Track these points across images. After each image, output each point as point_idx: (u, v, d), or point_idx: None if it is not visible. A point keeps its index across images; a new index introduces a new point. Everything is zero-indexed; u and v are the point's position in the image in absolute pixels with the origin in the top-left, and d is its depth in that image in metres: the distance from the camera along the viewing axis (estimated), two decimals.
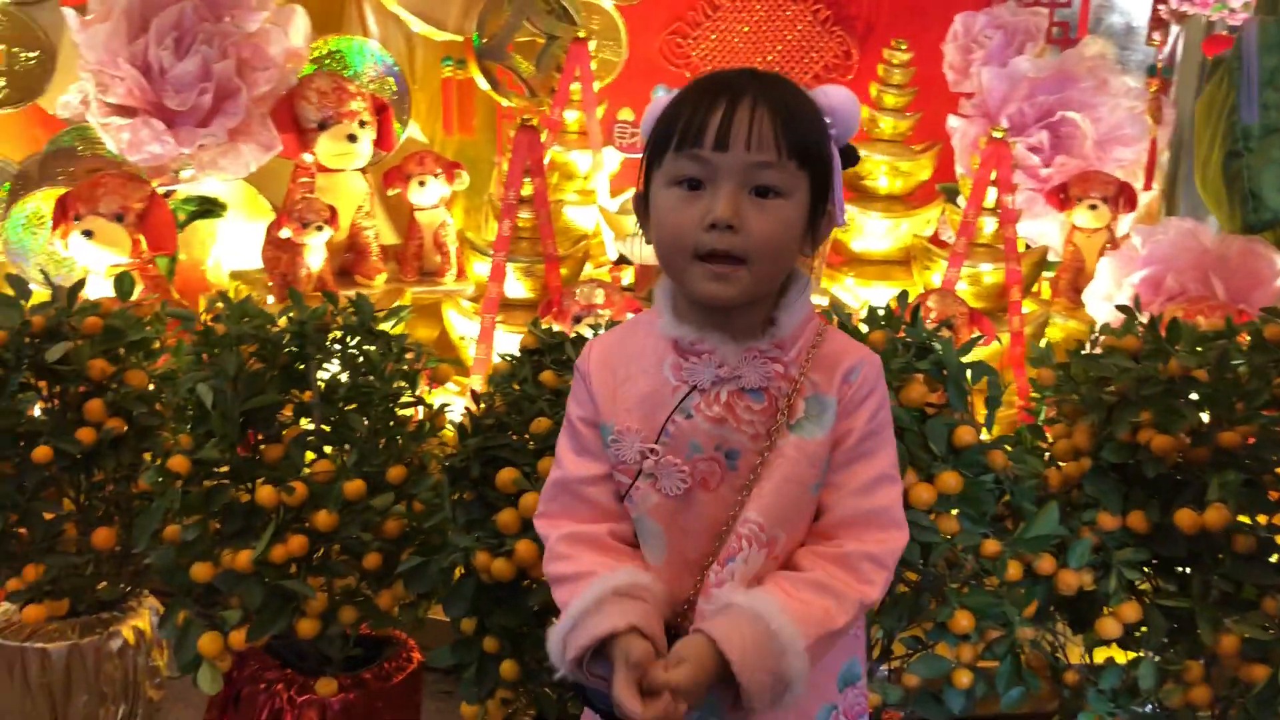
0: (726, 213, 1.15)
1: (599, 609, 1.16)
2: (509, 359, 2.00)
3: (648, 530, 1.26)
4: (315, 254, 3.14)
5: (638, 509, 1.26)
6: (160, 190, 3.24)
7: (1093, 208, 3.41)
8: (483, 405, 1.92)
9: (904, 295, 1.92)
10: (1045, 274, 3.73)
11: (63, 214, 3.03)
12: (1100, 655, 1.97)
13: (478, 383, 2.87)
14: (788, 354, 1.23)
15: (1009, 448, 1.97)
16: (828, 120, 1.23)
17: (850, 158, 1.28)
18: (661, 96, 1.26)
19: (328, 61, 3.66)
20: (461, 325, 3.27)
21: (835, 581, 1.19)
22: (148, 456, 2.19)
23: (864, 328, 1.91)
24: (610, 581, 1.19)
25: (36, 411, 2.16)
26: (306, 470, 2.00)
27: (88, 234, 3.01)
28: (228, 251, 3.81)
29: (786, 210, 1.18)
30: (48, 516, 2.20)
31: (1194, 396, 1.80)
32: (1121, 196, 3.43)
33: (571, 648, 1.17)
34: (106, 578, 2.30)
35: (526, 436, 1.85)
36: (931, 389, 1.83)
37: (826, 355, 1.25)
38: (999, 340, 3.15)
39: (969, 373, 1.83)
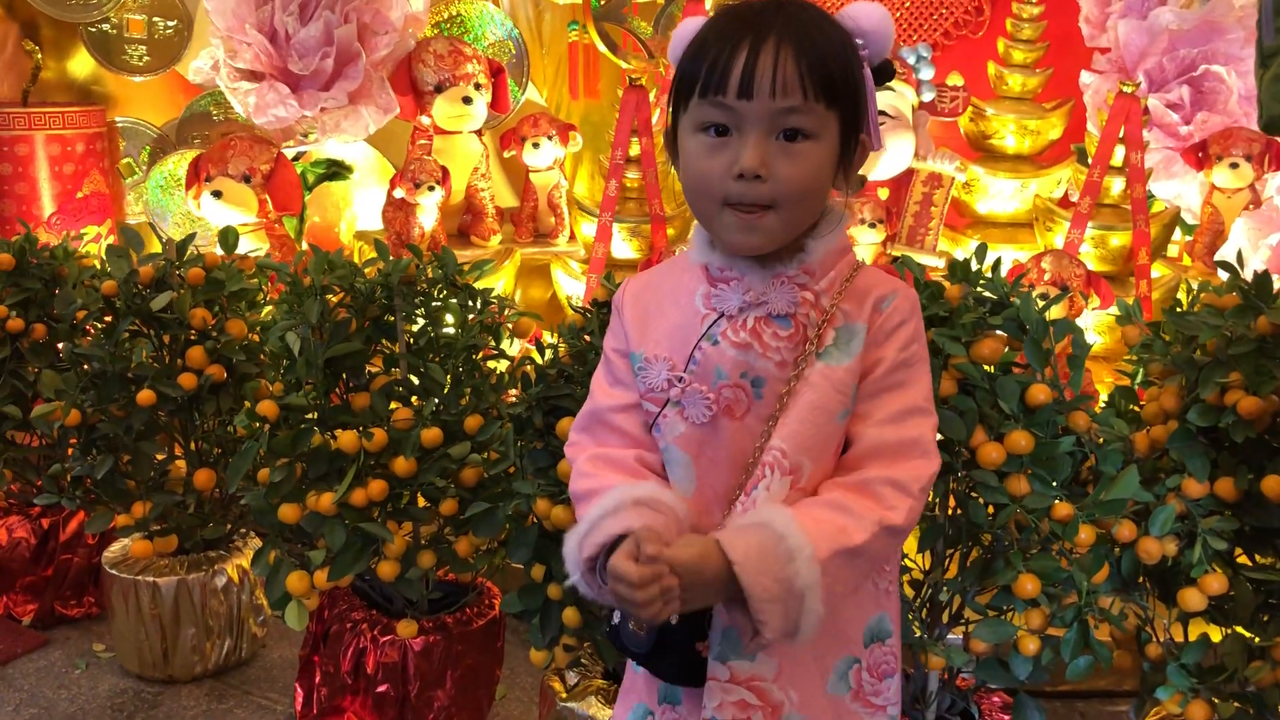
0: (753, 162, 1.13)
1: (616, 513, 1.14)
2: (583, 312, 2.01)
3: (676, 460, 1.24)
4: (428, 214, 3.21)
5: (665, 438, 1.24)
6: (290, 153, 3.37)
7: (1234, 166, 3.21)
8: (549, 355, 1.93)
9: (982, 247, 1.84)
10: (1185, 237, 3.54)
11: (195, 175, 3.19)
12: (1195, 631, 1.88)
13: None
14: (817, 282, 1.21)
15: (1098, 409, 1.89)
16: (859, 41, 1.20)
17: (885, 74, 1.24)
18: (688, 23, 1.23)
19: (448, 26, 3.73)
20: (569, 285, 3.30)
21: (852, 503, 1.16)
22: (247, 404, 2.28)
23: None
24: (631, 491, 1.17)
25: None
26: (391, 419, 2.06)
27: (217, 194, 3.15)
28: (360, 213, 3.93)
29: (816, 152, 1.16)
30: (158, 458, 2.33)
31: None
32: (1267, 154, 3.21)
33: (586, 547, 1.15)
34: (211, 518, 2.42)
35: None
36: (1013, 348, 1.76)
37: (859, 287, 1.23)
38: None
39: (1050, 330, 1.75)
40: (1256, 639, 1.76)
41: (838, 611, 1.22)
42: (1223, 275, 2.97)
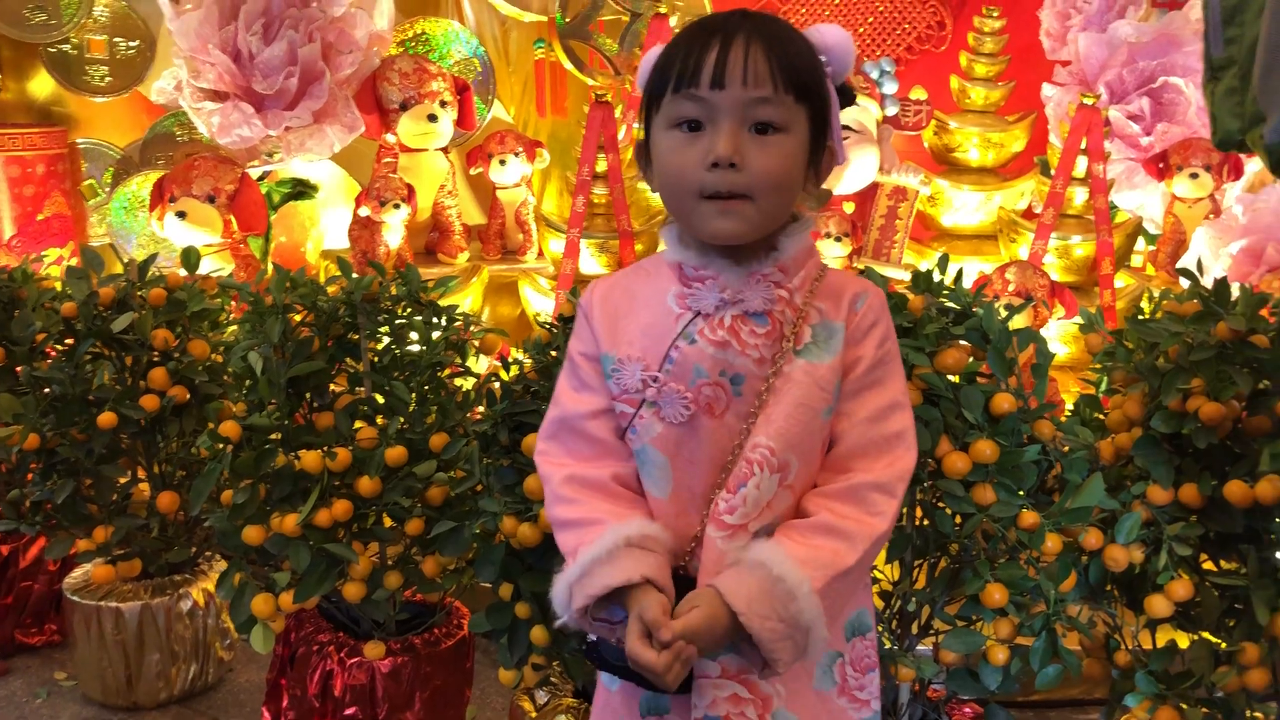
0: (727, 150, 1.15)
1: (611, 559, 1.16)
2: (549, 327, 2.00)
3: (651, 462, 1.24)
4: (394, 232, 3.20)
5: (640, 440, 1.24)
6: (255, 173, 3.35)
7: (1194, 176, 3.25)
8: (514, 371, 1.92)
9: (944, 258, 1.84)
10: (1148, 247, 3.58)
11: (158, 196, 3.16)
12: (1163, 637, 1.88)
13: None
14: (791, 280, 1.23)
15: (1062, 417, 1.89)
16: (823, 58, 1.22)
17: (846, 96, 1.27)
18: (656, 50, 1.25)
19: (414, 44, 3.72)
20: (538, 302, 3.29)
21: (843, 521, 1.18)
22: (210, 425, 2.26)
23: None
24: (623, 531, 1.18)
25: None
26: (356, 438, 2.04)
27: (181, 215, 3.12)
28: (326, 232, 3.91)
29: (787, 144, 1.18)
30: (120, 481, 2.30)
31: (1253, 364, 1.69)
32: (1226, 164, 3.25)
33: (580, 596, 1.17)
34: (176, 541, 2.40)
35: None
36: (977, 358, 1.77)
37: (830, 285, 1.25)
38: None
39: (1014, 340, 1.76)
40: (1223, 644, 1.77)
41: None
42: (1184, 283, 3.02)
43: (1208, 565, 1.83)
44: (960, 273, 1.84)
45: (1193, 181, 3.25)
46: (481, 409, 2.10)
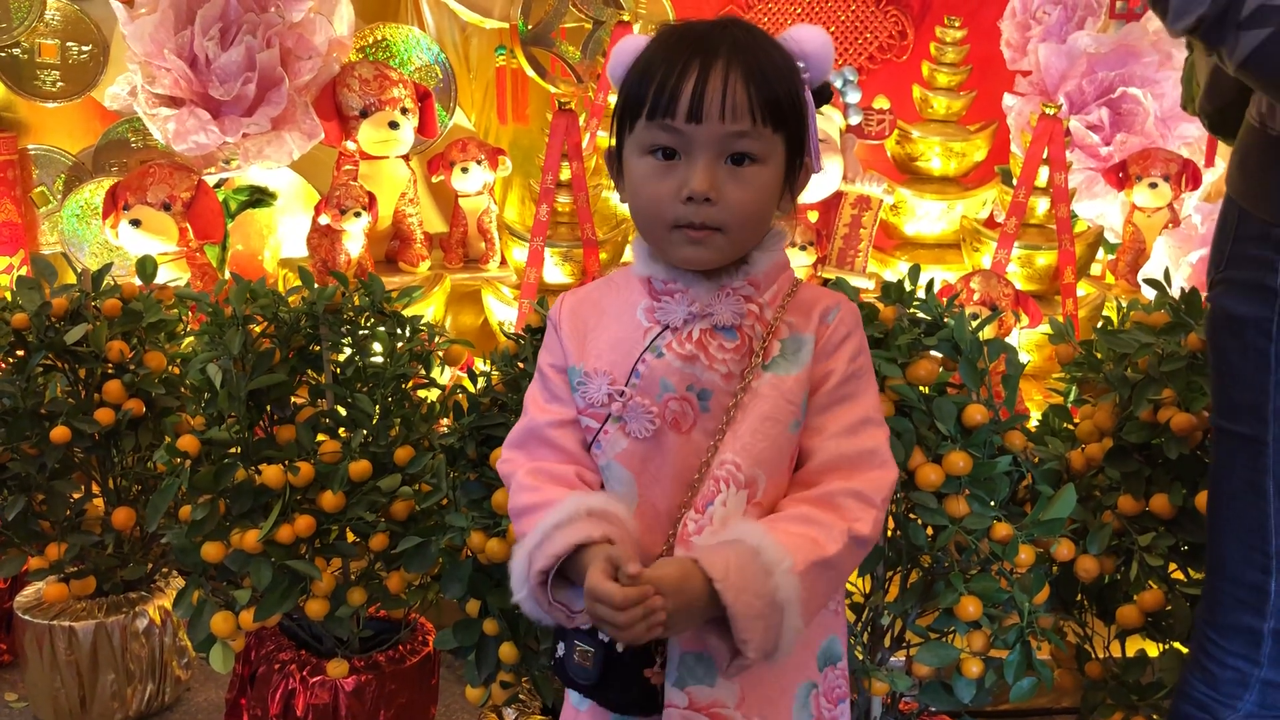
0: (703, 186, 1.13)
1: (571, 523, 1.12)
2: (516, 339, 1.97)
3: (616, 478, 1.22)
4: (354, 240, 3.15)
5: (606, 455, 1.22)
6: (212, 180, 3.29)
7: (1153, 186, 3.28)
8: (481, 384, 1.89)
9: (915, 268, 1.84)
10: (1108, 256, 3.61)
11: (112, 203, 3.09)
12: (1132, 647, 1.88)
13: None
14: (762, 295, 1.22)
15: (1033, 428, 1.89)
16: (801, 64, 1.19)
17: (823, 96, 1.24)
18: (628, 42, 1.21)
19: (373, 50, 3.68)
20: (501, 311, 3.26)
21: (819, 515, 1.15)
22: (167, 439, 2.21)
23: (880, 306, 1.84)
24: (585, 501, 1.15)
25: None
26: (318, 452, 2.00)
27: (135, 223, 3.06)
28: (285, 241, 3.86)
29: (763, 176, 1.16)
30: (74, 496, 2.24)
31: None
32: (1184, 174, 3.28)
33: (539, 558, 1.12)
34: (131, 558, 2.34)
35: None
36: (948, 368, 1.76)
37: (803, 300, 1.24)
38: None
39: (985, 350, 1.75)
40: None
41: (761, 678, 1.20)
42: (1147, 293, 3.04)
43: (1176, 575, 1.83)
44: (931, 283, 1.83)
45: (1152, 191, 3.28)
46: (446, 421, 2.07)
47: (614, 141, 1.23)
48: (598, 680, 1.18)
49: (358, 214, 3.10)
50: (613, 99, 3.58)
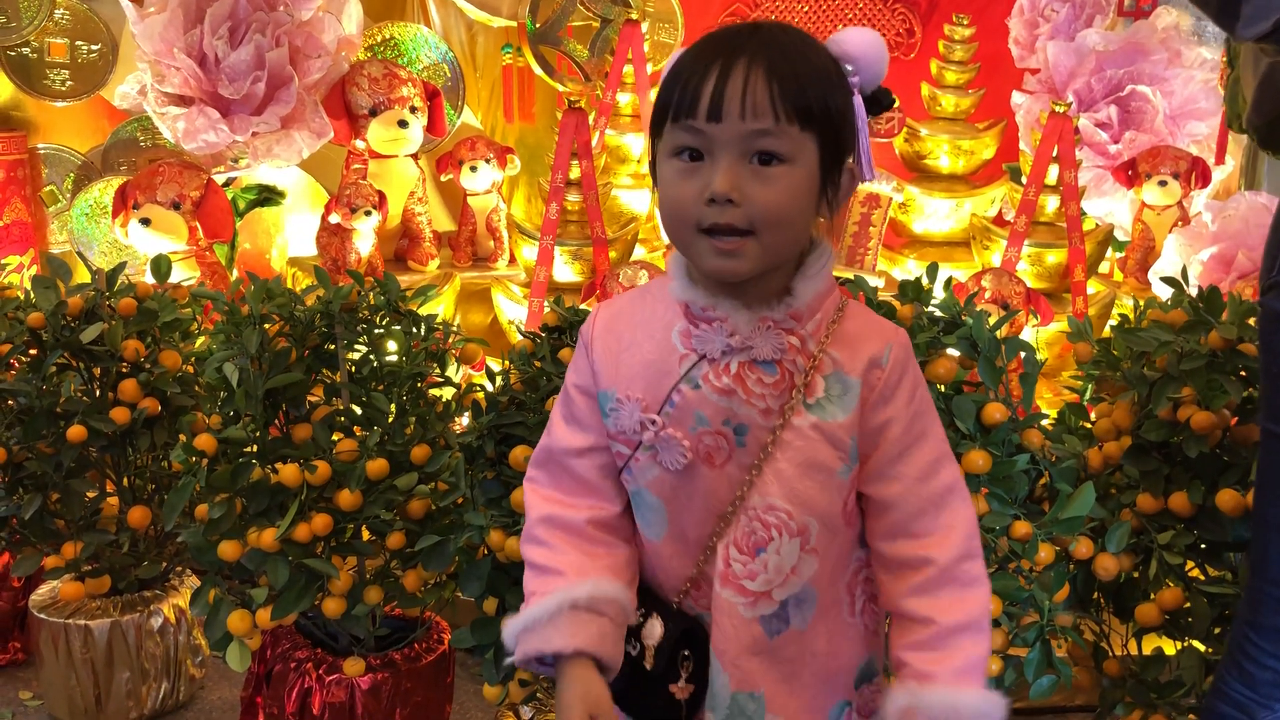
0: (724, 186, 1.09)
1: (553, 622, 1.17)
2: (532, 337, 1.98)
3: (647, 504, 1.21)
4: (364, 239, 3.15)
5: (636, 481, 1.21)
6: (220, 179, 3.29)
7: (1162, 184, 3.27)
8: (499, 382, 1.89)
9: (934, 266, 1.84)
10: (1116, 254, 3.60)
11: (122, 202, 3.09)
12: (1148, 646, 1.89)
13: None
14: (804, 326, 1.16)
15: (1049, 426, 1.89)
16: (849, 68, 1.14)
17: (881, 102, 1.19)
18: (679, 51, 1.18)
19: (382, 49, 3.68)
20: (511, 309, 3.26)
21: (961, 608, 1.16)
22: (183, 437, 2.21)
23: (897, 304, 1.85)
24: (570, 594, 1.18)
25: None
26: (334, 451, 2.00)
27: (145, 222, 3.06)
28: (292, 239, 3.86)
29: (792, 177, 1.10)
30: (89, 495, 2.24)
31: (1243, 373, 1.70)
32: (1194, 172, 3.28)
33: (520, 651, 1.19)
34: (146, 556, 2.34)
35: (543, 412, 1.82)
36: (965, 366, 1.76)
37: (849, 332, 1.18)
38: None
39: (1003, 348, 1.76)
40: (1210, 651, 1.77)
41: (835, 654, 1.21)
42: (1157, 291, 3.04)
43: (1193, 573, 1.83)
44: (950, 281, 1.83)
45: (1161, 189, 3.28)
46: (462, 420, 2.07)
47: (651, 149, 1.21)
48: (623, 692, 1.20)
49: (368, 212, 3.10)
50: (622, 98, 3.61)
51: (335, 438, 2.01)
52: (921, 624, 1.16)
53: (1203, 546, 1.76)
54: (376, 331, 2.08)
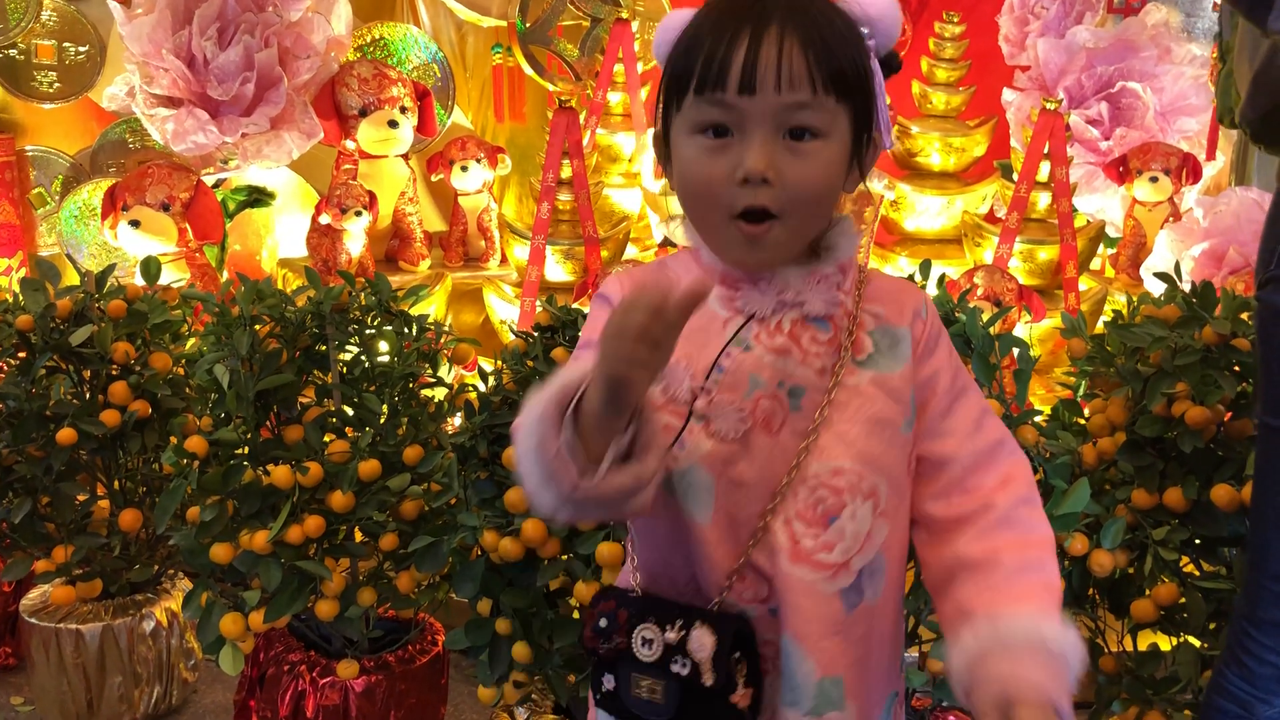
0: (760, 165, 1.00)
1: (576, 363, 0.97)
2: (525, 337, 1.97)
3: (695, 483, 1.07)
4: (355, 240, 3.15)
5: (690, 458, 1.07)
6: (210, 180, 3.27)
7: (1154, 180, 3.28)
8: (491, 382, 1.89)
9: (927, 263, 1.84)
10: (1108, 250, 3.61)
11: (111, 204, 3.08)
12: (1146, 641, 1.88)
13: None
14: (846, 281, 1.10)
15: (1043, 422, 1.89)
16: (865, 31, 1.06)
17: (892, 65, 1.10)
18: (674, 16, 1.10)
19: (371, 49, 3.67)
20: (503, 309, 3.25)
21: (1027, 551, 1.07)
22: (174, 440, 2.20)
23: None
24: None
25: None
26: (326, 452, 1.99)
27: (135, 223, 3.05)
28: (282, 240, 3.84)
29: (827, 151, 1.02)
30: (80, 499, 2.23)
31: (1236, 368, 1.70)
32: (1184, 168, 3.29)
33: (553, 397, 0.93)
34: (138, 559, 2.33)
35: None
36: None
37: (881, 288, 1.13)
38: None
39: (997, 345, 1.75)
40: (1206, 646, 1.77)
41: (897, 635, 1.16)
42: (1149, 287, 3.04)
43: (1188, 569, 1.83)
44: (944, 278, 1.83)
45: (1152, 185, 3.29)
46: (454, 420, 2.06)
47: (659, 125, 1.11)
48: (675, 714, 1.06)
49: (359, 213, 3.09)
50: (613, 97, 3.60)
51: (327, 439, 2.00)
52: (985, 568, 1.07)
53: (1198, 542, 1.76)
54: (368, 332, 2.07)
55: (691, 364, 1.08)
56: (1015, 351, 1.79)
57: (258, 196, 3.62)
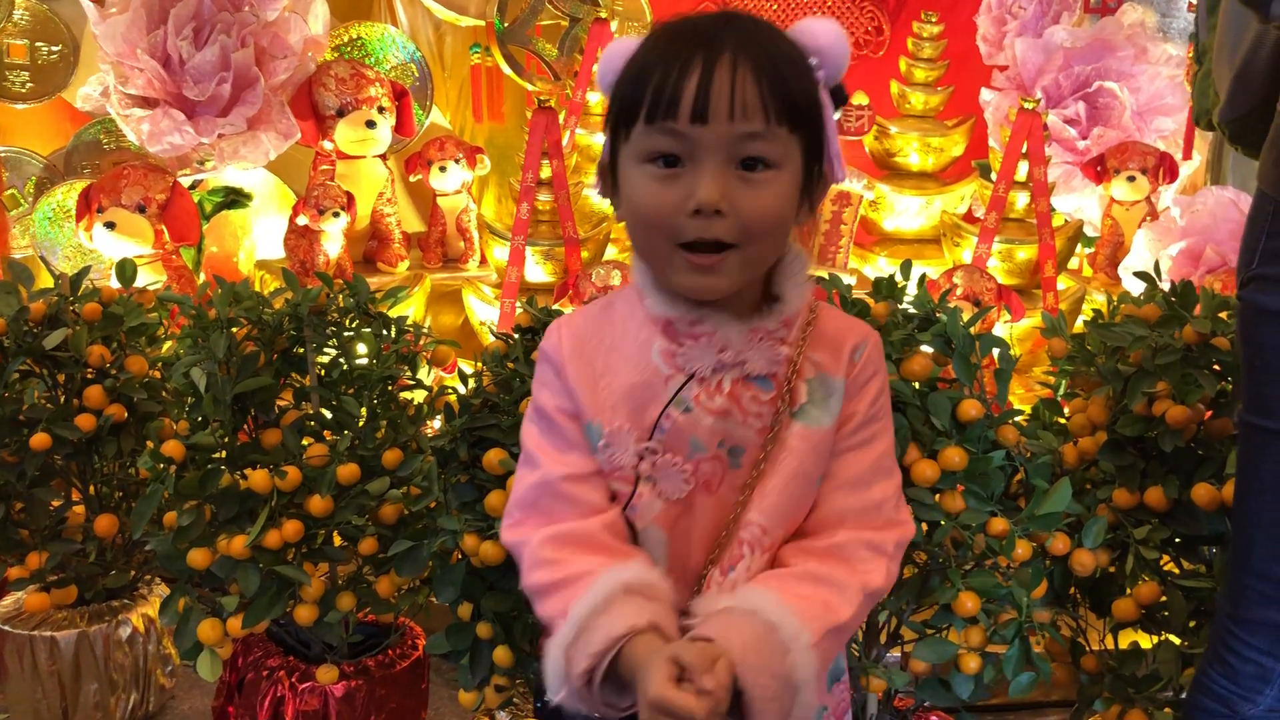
0: (713, 195, 0.99)
1: (609, 609, 0.98)
2: (505, 339, 1.96)
3: (650, 539, 1.10)
4: (333, 241, 3.12)
5: (643, 519, 1.10)
6: (186, 181, 3.24)
7: (1131, 179, 3.29)
8: (472, 385, 1.87)
9: (907, 264, 1.84)
10: (1086, 250, 3.62)
11: (86, 206, 3.04)
12: (1127, 640, 1.89)
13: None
14: (790, 333, 1.09)
15: (1024, 422, 1.89)
16: (814, 62, 1.05)
17: (840, 97, 1.10)
18: (620, 44, 1.09)
19: (349, 49, 3.65)
20: (482, 311, 3.24)
21: (830, 572, 1.06)
22: (150, 444, 2.17)
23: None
24: (620, 576, 1.01)
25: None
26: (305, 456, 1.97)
27: (110, 225, 3.01)
28: (259, 242, 3.82)
29: (779, 182, 1.02)
30: (54, 504, 2.20)
31: (1216, 367, 1.71)
32: (1161, 167, 3.31)
33: (581, 657, 0.97)
34: (114, 565, 2.30)
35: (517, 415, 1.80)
36: (939, 363, 1.76)
37: (826, 332, 1.12)
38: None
39: (977, 345, 1.75)
40: (1187, 644, 1.78)
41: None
42: (1127, 286, 3.06)
43: (1170, 568, 1.84)
44: (923, 278, 1.83)
45: (1130, 184, 3.30)
46: (434, 423, 2.04)
47: (606, 155, 1.10)
48: None
49: (336, 214, 3.07)
50: (592, 97, 3.59)
51: (305, 442, 1.98)
52: (781, 558, 1.09)
53: (1178, 541, 1.76)
54: (346, 334, 2.05)
55: (634, 426, 1.09)
56: (995, 351, 1.79)
57: (234, 198, 3.59)
